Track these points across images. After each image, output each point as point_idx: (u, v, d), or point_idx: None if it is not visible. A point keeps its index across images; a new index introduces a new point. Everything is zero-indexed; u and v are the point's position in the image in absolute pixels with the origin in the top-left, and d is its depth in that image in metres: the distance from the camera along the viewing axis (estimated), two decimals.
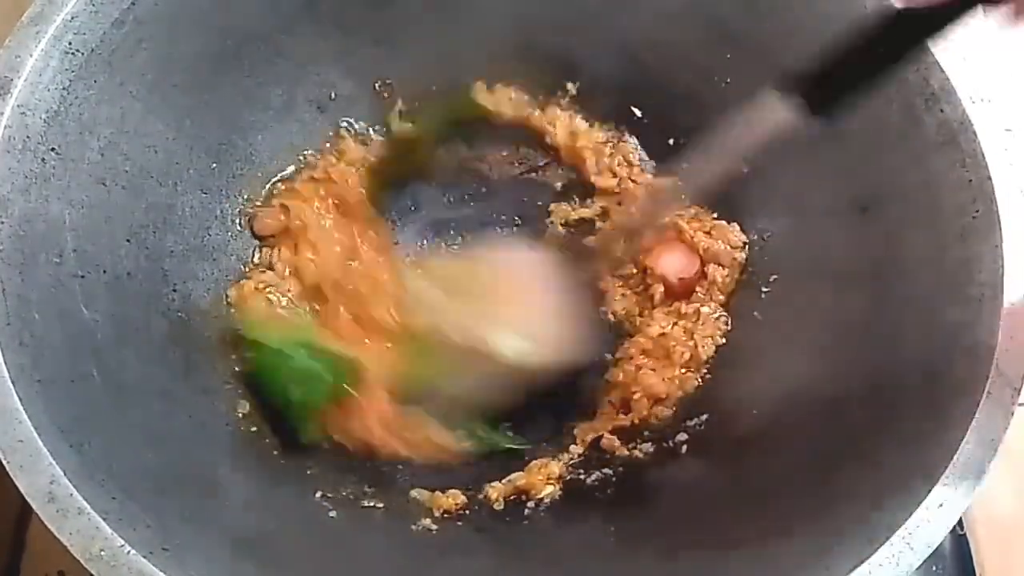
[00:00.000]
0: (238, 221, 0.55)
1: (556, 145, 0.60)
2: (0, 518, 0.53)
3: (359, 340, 0.52)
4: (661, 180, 0.58)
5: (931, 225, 0.44)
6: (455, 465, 0.52)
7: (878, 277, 0.47)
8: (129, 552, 0.35)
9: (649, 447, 0.51)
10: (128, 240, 0.47)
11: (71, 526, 0.35)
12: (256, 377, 0.50)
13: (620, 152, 0.60)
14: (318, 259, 0.55)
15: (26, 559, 0.53)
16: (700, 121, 0.56)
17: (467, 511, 0.49)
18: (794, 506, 0.43)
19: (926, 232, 0.44)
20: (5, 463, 0.36)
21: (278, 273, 0.55)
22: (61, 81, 0.43)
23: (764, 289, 0.54)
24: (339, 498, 0.48)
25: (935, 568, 0.53)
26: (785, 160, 0.52)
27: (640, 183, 0.59)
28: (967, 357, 0.40)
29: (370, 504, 0.49)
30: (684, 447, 0.51)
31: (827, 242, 0.50)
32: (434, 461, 0.51)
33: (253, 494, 0.46)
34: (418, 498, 0.50)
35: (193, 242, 0.52)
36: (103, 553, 0.35)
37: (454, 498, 0.49)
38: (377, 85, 0.59)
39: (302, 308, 0.54)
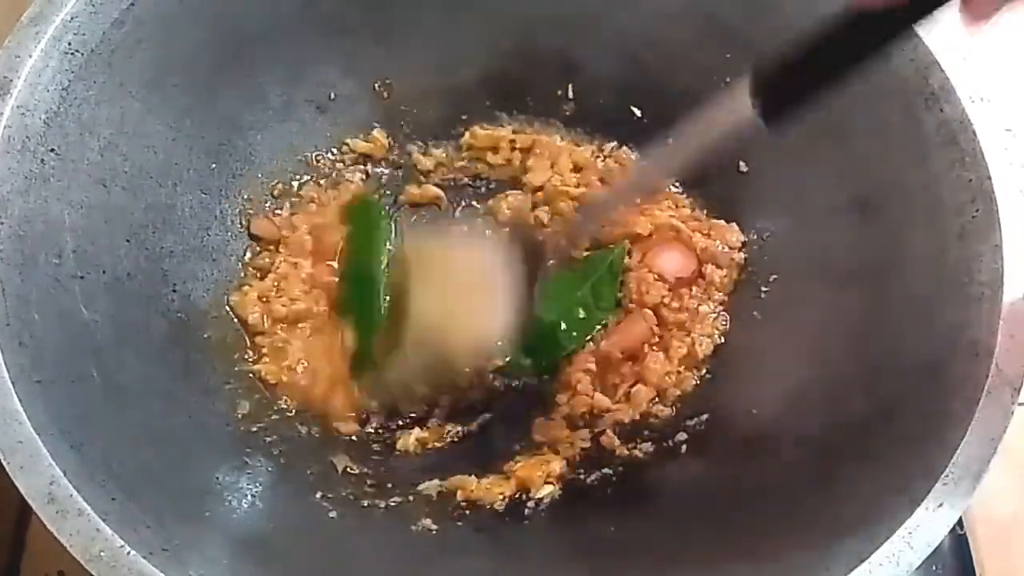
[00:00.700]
0: (238, 221, 0.55)
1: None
2: (0, 518, 0.53)
3: None
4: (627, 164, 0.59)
5: (931, 225, 0.44)
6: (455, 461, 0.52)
7: (878, 277, 0.47)
8: (129, 553, 0.35)
9: (649, 447, 0.51)
10: (128, 240, 0.47)
11: (71, 527, 0.35)
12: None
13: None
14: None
15: (26, 559, 0.53)
16: None
17: (467, 511, 0.49)
18: (794, 506, 0.43)
19: (926, 232, 0.44)
20: (5, 464, 0.36)
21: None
22: (60, 81, 0.43)
23: (764, 289, 0.54)
24: (339, 498, 0.48)
25: (935, 568, 0.53)
26: (785, 160, 0.53)
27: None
28: (967, 357, 0.40)
29: (370, 504, 0.49)
30: (684, 447, 0.51)
31: (827, 242, 0.50)
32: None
33: (253, 494, 0.46)
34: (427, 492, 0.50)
35: (193, 242, 0.52)
36: (103, 554, 0.35)
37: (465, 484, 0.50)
38: (377, 85, 0.59)
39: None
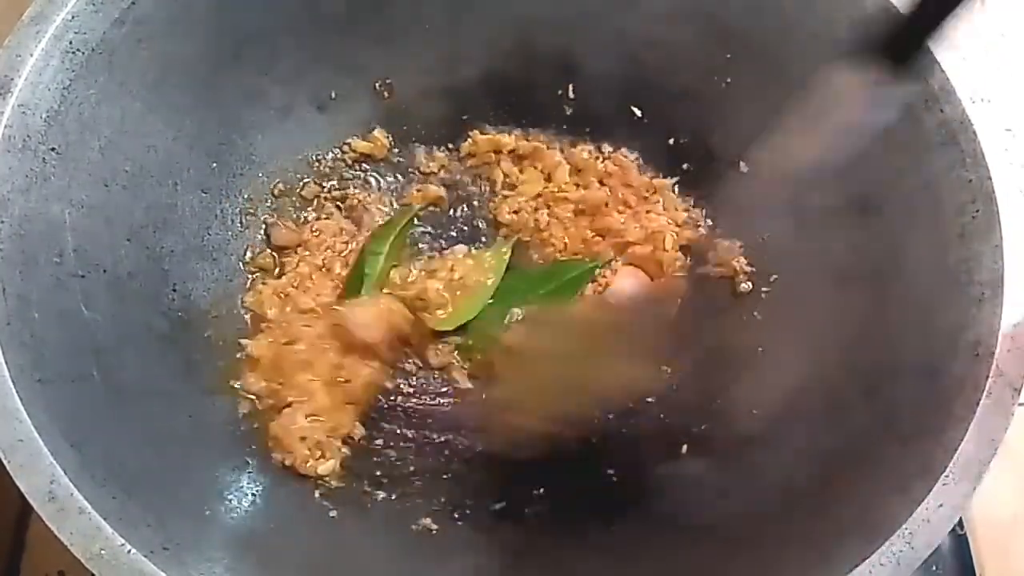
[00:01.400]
0: (238, 221, 0.55)
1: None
2: (0, 518, 0.53)
3: None
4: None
5: (931, 225, 0.44)
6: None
7: (878, 277, 0.47)
8: (130, 551, 0.35)
9: (649, 447, 0.51)
10: (128, 240, 0.47)
11: (71, 525, 0.35)
12: None
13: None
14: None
15: (26, 559, 0.53)
16: (700, 121, 0.57)
17: (467, 511, 0.49)
18: (794, 506, 0.43)
19: (926, 232, 0.44)
20: (6, 463, 0.36)
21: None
22: (61, 80, 0.43)
23: (764, 289, 0.54)
24: (339, 498, 0.48)
25: (935, 568, 0.53)
26: (785, 160, 0.53)
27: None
28: (967, 357, 0.40)
29: (370, 504, 0.49)
30: (684, 447, 0.51)
31: (827, 242, 0.50)
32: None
33: (253, 493, 0.46)
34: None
35: (193, 242, 0.52)
36: (103, 552, 0.35)
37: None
38: (377, 85, 0.58)
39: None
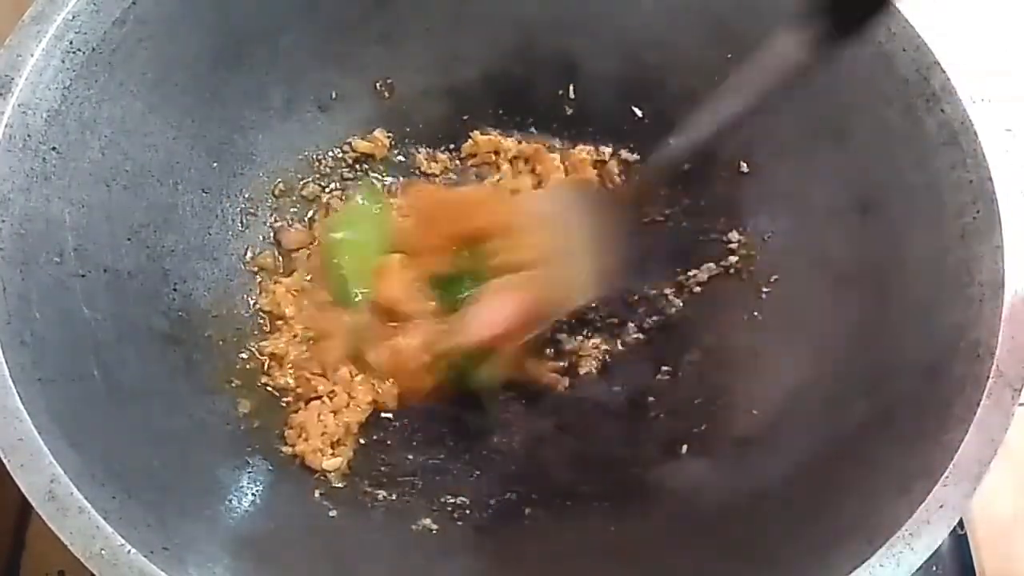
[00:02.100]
0: (239, 220, 0.55)
1: None
2: (0, 518, 0.53)
3: None
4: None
5: (932, 225, 0.44)
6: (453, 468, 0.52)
7: (878, 277, 0.47)
8: (129, 551, 0.35)
9: (649, 447, 0.51)
10: (129, 239, 0.47)
11: (71, 525, 0.35)
12: None
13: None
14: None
15: (26, 559, 0.53)
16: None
17: (468, 511, 0.49)
18: (794, 506, 0.43)
19: (927, 232, 0.44)
20: (6, 462, 0.36)
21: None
22: (62, 80, 0.43)
23: (764, 289, 0.54)
24: (339, 497, 0.48)
25: (935, 568, 0.53)
26: (786, 160, 0.53)
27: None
28: (967, 357, 0.40)
29: (370, 503, 0.49)
30: (683, 448, 0.51)
31: (827, 242, 0.50)
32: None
33: (253, 493, 0.46)
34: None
35: (194, 241, 0.52)
36: (103, 552, 0.35)
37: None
38: (377, 85, 0.59)
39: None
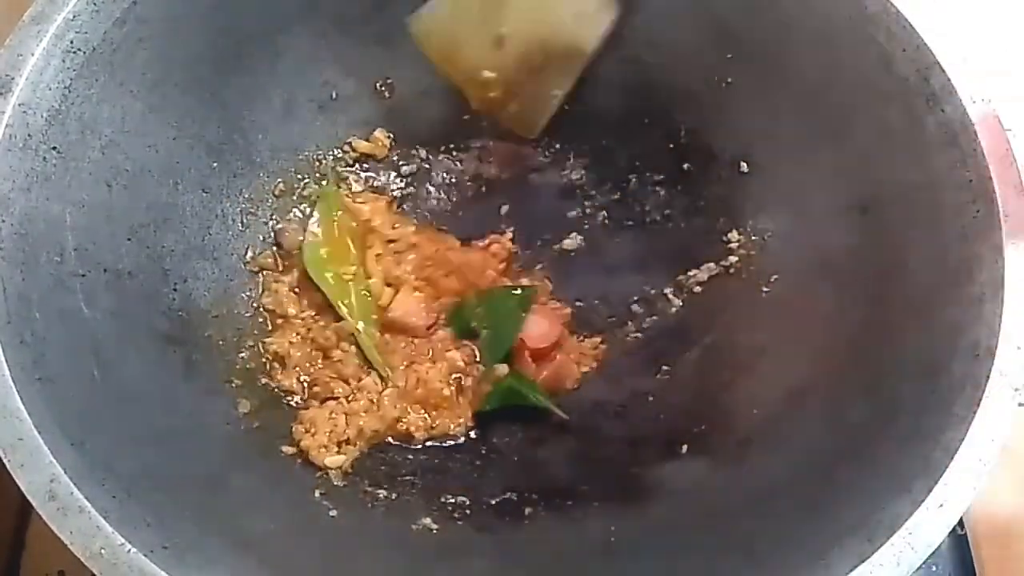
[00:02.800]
0: (239, 220, 0.55)
1: None
2: (0, 517, 0.53)
3: None
4: None
5: (932, 225, 0.44)
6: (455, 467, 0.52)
7: (879, 277, 0.47)
8: (129, 551, 0.35)
9: (649, 447, 0.51)
10: (129, 239, 0.47)
11: (71, 524, 0.35)
12: None
13: None
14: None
15: (26, 559, 0.53)
16: (700, 121, 0.57)
17: (468, 511, 0.49)
18: (794, 506, 0.43)
19: (926, 232, 0.44)
20: (6, 461, 0.36)
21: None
22: (62, 80, 0.43)
23: (764, 289, 0.54)
24: (339, 497, 0.48)
25: (935, 568, 0.53)
26: (786, 160, 0.53)
27: None
28: (967, 357, 0.40)
29: (370, 503, 0.49)
30: (684, 447, 0.51)
31: (828, 242, 0.50)
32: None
33: (253, 493, 0.46)
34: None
35: (194, 241, 0.52)
36: (103, 551, 0.35)
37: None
38: (377, 85, 0.59)
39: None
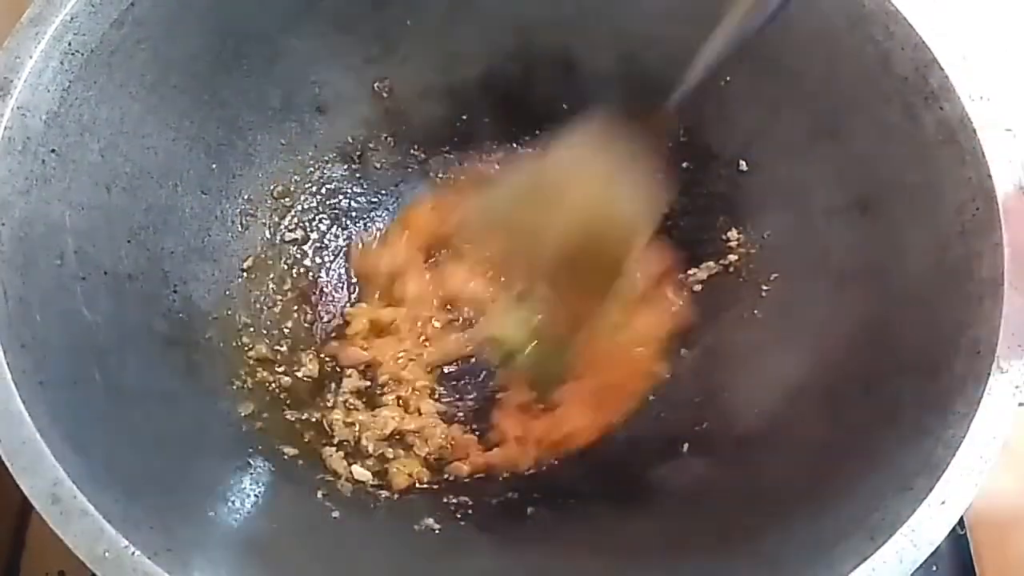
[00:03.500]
0: (238, 222, 0.55)
1: None
2: (0, 518, 0.53)
3: None
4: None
5: (931, 223, 0.44)
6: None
7: (878, 275, 0.47)
8: (134, 553, 0.35)
9: (649, 446, 0.52)
10: (128, 241, 0.47)
11: (75, 528, 0.35)
12: None
13: None
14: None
15: (26, 559, 0.53)
16: (700, 121, 0.57)
17: (470, 511, 0.49)
18: (795, 505, 0.43)
19: (926, 231, 0.44)
20: (9, 465, 0.35)
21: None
22: (61, 82, 0.43)
23: (764, 289, 0.54)
24: (341, 498, 0.48)
25: (935, 568, 0.54)
26: (785, 159, 0.53)
27: None
28: (968, 355, 0.40)
29: (372, 503, 0.49)
30: (684, 447, 0.51)
31: (827, 241, 0.50)
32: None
33: (255, 494, 0.46)
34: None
35: (193, 243, 0.52)
36: (108, 554, 0.35)
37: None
38: (377, 85, 0.59)
39: None
